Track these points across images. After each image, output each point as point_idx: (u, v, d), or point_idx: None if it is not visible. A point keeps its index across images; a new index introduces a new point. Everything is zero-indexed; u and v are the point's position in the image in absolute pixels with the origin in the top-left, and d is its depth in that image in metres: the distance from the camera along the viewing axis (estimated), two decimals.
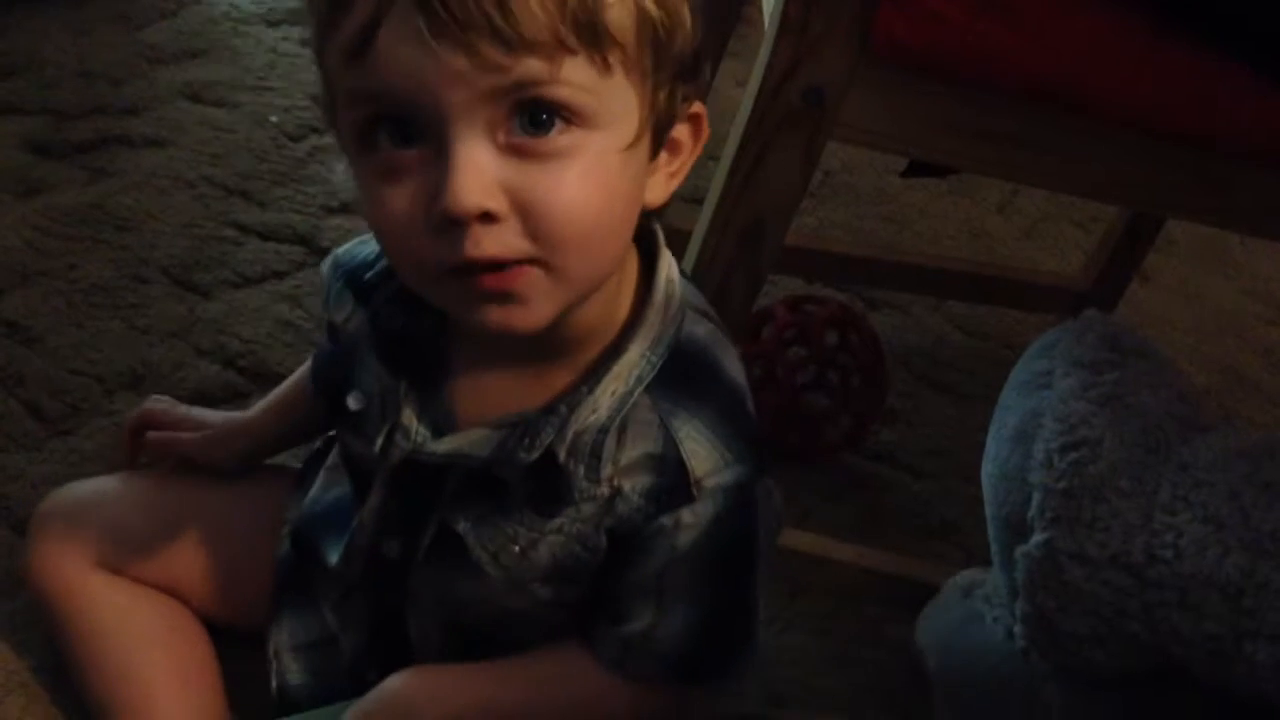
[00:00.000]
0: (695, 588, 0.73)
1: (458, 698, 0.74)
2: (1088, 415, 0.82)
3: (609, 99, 0.61)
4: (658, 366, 0.70)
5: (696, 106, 0.69)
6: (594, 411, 0.69)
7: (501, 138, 0.60)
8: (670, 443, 0.70)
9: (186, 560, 0.86)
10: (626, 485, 0.70)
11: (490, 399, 0.72)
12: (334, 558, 0.81)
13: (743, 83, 0.81)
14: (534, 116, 0.60)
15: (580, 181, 0.61)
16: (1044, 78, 0.77)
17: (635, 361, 0.70)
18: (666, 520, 0.70)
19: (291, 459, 0.97)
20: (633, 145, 0.64)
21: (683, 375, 0.71)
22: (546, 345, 0.69)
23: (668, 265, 0.73)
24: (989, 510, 0.90)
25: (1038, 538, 0.81)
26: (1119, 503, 0.80)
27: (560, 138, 0.60)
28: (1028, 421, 0.86)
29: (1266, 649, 0.74)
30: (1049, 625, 0.83)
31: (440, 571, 0.75)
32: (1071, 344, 0.88)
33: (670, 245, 0.75)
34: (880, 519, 1.23)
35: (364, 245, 0.79)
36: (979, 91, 0.78)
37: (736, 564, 0.74)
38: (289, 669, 0.85)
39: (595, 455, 0.69)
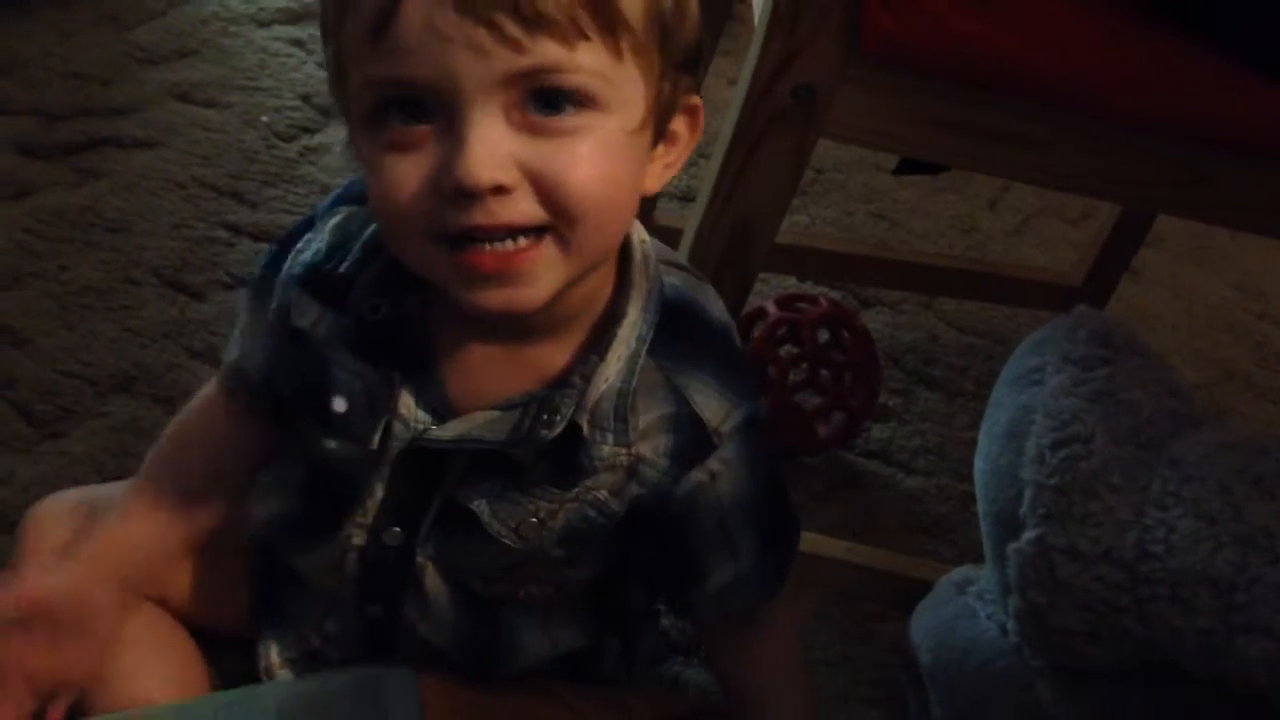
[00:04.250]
0: (755, 521, 0.77)
1: None
2: (1079, 411, 0.83)
3: (620, 84, 0.63)
4: (654, 324, 0.72)
5: (694, 99, 0.70)
6: (607, 379, 0.71)
7: (516, 116, 0.61)
8: (681, 400, 0.72)
9: (174, 569, 0.85)
10: (647, 450, 0.72)
11: (484, 380, 0.72)
12: (303, 565, 0.80)
13: (734, 80, 0.81)
14: (549, 100, 0.61)
15: (593, 157, 0.63)
16: (1035, 74, 0.77)
17: (636, 322, 0.72)
18: (700, 475, 0.73)
19: None
20: (639, 129, 0.65)
21: (675, 329, 0.73)
22: (538, 323, 0.70)
23: (637, 226, 0.74)
24: (981, 507, 0.90)
25: (1030, 534, 0.82)
26: (1111, 498, 0.80)
27: (573, 118, 0.62)
28: (1019, 418, 0.86)
29: (1258, 643, 0.75)
30: (1041, 621, 0.83)
31: (448, 543, 0.76)
32: (1063, 340, 0.88)
33: (662, 243, 0.76)
34: (873, 516, 1.23)
35: (303, 250, 0.76)
36: (970, 88, 0.78)
37: (774, 483, 0.79)
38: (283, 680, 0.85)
39: (621, 419, 0.71)
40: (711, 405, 0.73)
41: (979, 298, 1.49)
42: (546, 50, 0.60)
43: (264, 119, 1.50)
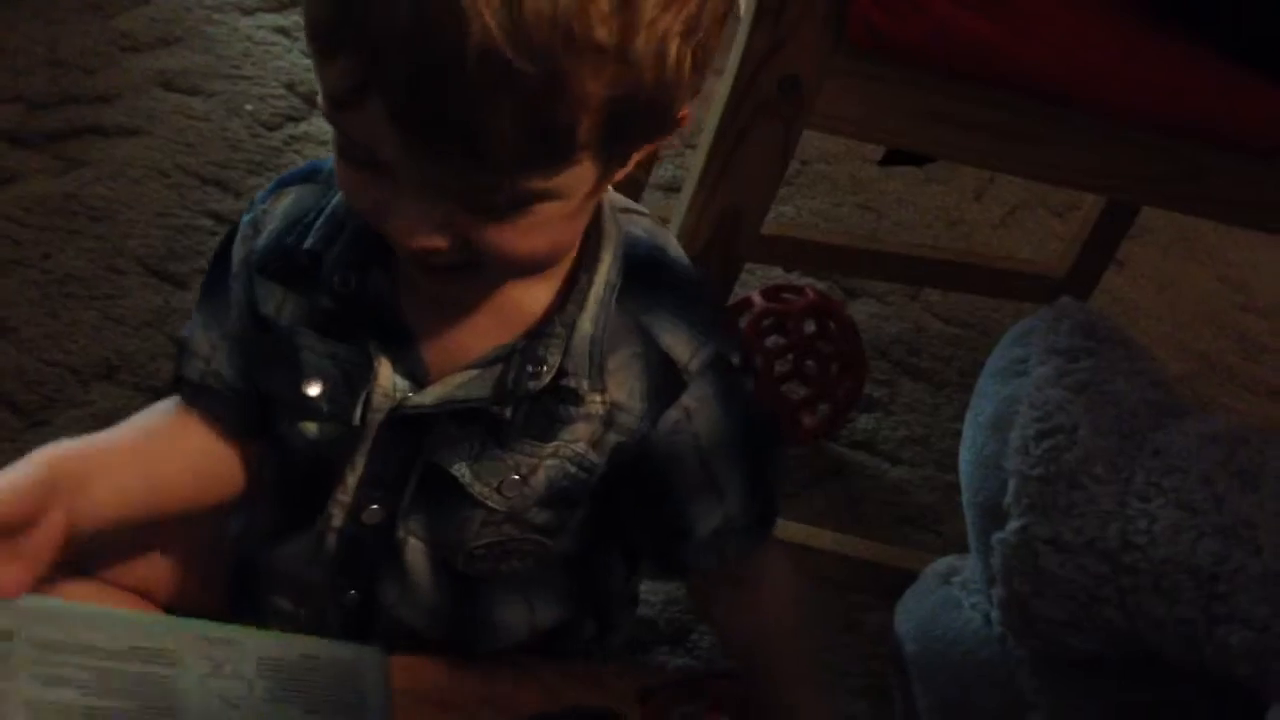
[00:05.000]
0: (738, 459, 0.76)
1: None
2: (1063, 402, 0.83)
3: (564, 180, 0.62)
4: (623, 271, 0.72)
5: (683, 110, 0.68)
6: (586, 326, 0.71)
7: (449, 201, 0.61)
8: (649, 339, 0.72)
9: (155, 560, 0.85)
10: (621, 395, 0.72)
11: (460, 339, 0.73)
12: (281, 558, 0.80)
13: (720, 71, 0.81)
14: (486, 207, 0.61)
15: (528, 237, 0.63)
16: (1022, 67, 0.77)
17: (608, 268, 0.72)
18: (675, 414, 0.73)
19: None
20: (588, 197, 0.65)
21: (641, 274, 0.73)
22: (506, 287, 0.71)
23: None
24: (966, 497, 0.90)
25: (1014, 524, 0.82)
26: (1094, 489, 0.80)
27: (511, 215, 0.62)
28: (1004, 409, 0.86)
29: (1239, 633, 0.75)
30: (1025, 611, 0.83)
31: (431, 514, 0.76)
32: (1047, 331, 0.89)
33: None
34: (858, 506, 1.23)
35: (253, 237, 0.76)
36: (956, 80, 0.78)
37: (753, 421, 0.77)
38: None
39: (597, 365, 0.72)
40: (679, 344, 0.72)
41: (964, 289, 1.49)
42: (491, 176, 0.59)
43: (248, 107, 1.50)
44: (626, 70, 0.57)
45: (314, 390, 0.74)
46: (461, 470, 0.73)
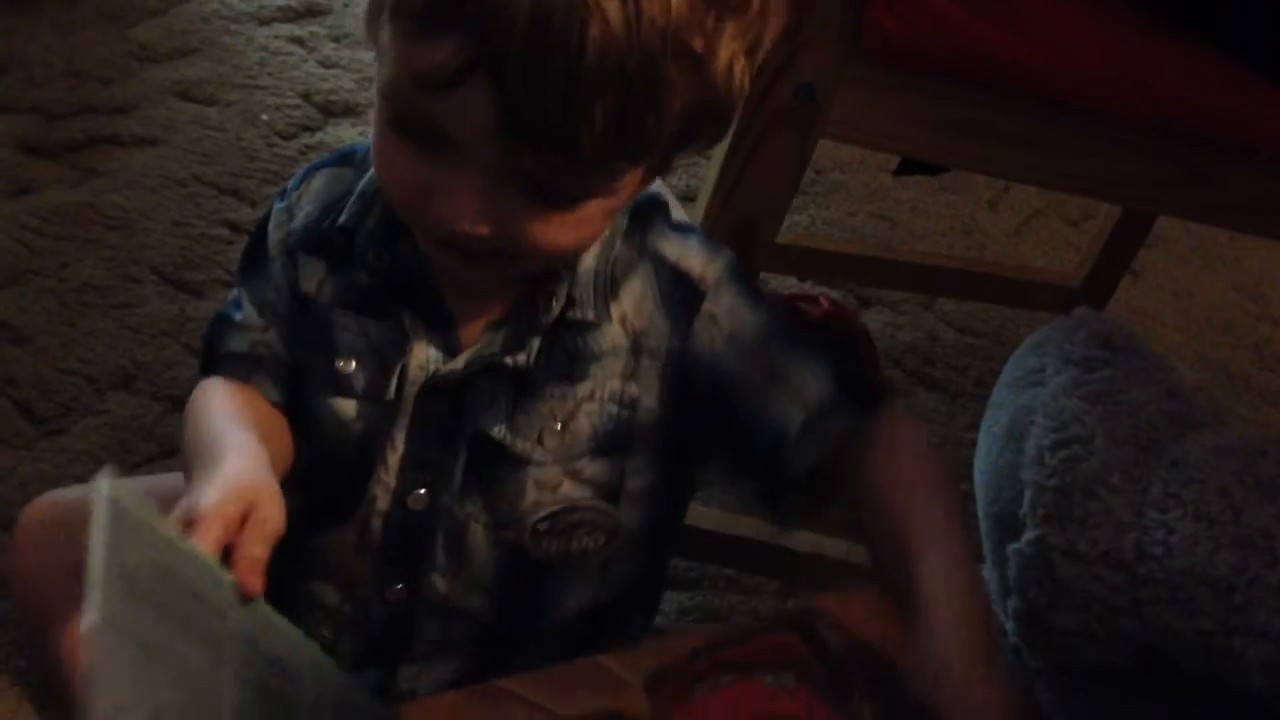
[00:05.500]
0: (789, 344, 0.74)
1: None
2: (1079, 412, 0.83)
3: (624, 179, 0.64)
4: (629, 212, 0.73)
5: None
6: (586, 263, 0.72)
7: (505, 178, 0.62)
8: (659, 259, 0.73)
9: None
10: (641, 322, 0.73)
11: (484, 305, 0.74)
12: (322, 548, 0.79)
13: None
14: (549, 195, 0.63)
15: (567, 230, 0.65)
16: (1037, 75, 0.77)
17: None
18: (701, 324, 0.73)
19: None
20: (630, 197, 0.67)
21: (641, 214, 0.74)
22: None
23: None
24: (981, 507, 0.90)
25: (1029, 535, 0.82)
26: (1110, 499, 0.80)
27: (560, 206, 0.64)
28: (1019, 419, 0.86)
29: (1256, 645, 0.75)
30: (1040, 622, 0.83)
31: (486, 490, 0.75)
32: (1063, 341, 0.88)
33: None
34: None
35: (289, 220, 0.77)
36: (971, 89, 0.78)
37: (786, 313, 0.76)
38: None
39: (603, 295, 0.72)
40: (690, 257, 0.73)
41: (979, 298, 1.49)
42: (572, 168, 0.61)
43: (264, 117, 1.50)
44: (707, 82, 0.61)
45: (350, 368, 0.74)
46: (501, 431, 0.73)
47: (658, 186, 0.77)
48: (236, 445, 0.67)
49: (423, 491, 0.75)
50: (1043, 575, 0.81)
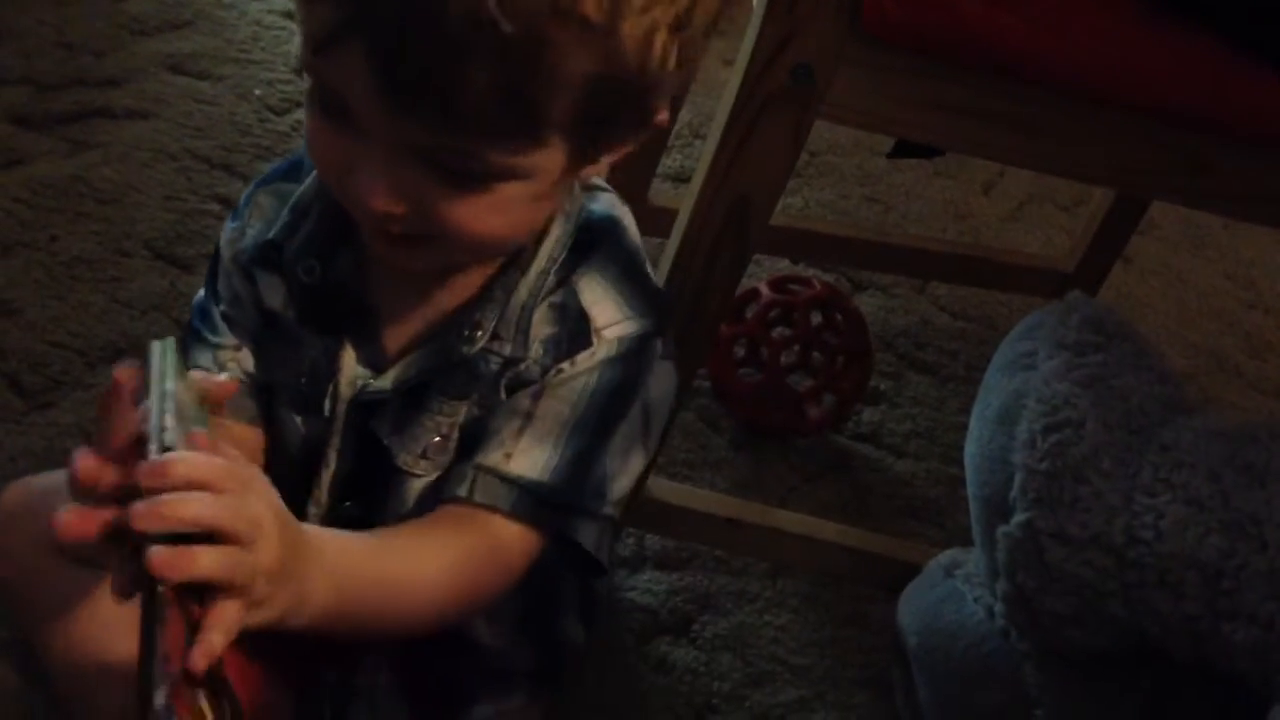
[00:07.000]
0: (560, 429, 0.71)
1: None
2: (1071, 396, 0.83)
3: (533, 160, 0.62)
4: (569, 245, 0.72)
5: (661, 109, 0.67)
6: (520, 295, 0.71)
7: (416, 158, 0.61)
8: (571, 294, 0.72)
9: None
10: (534, 345, 0.72)
11: (416, 320, 0.73)
12: None
13: (730, 60, 0.81)
14: (451, 171, 0.61)
15: (487, 215, 0.63)
16: (1036, 58, 0.77)
17: (558, 239, 0.72)
18: (564, 365, 0.71)
19: None
20: (553, 186, 0.65)
21: (586, 245, 0.73)
22: (462, 262, 0.71)
23: None
24: (971, 490, 0.90)
25: (1019, 518, 0.82)
26: (1100, 483, 0.80)
27: (473, 187, 0.62)
28: (1011, 402, 0.86)
29: (1244, 629, 0.75)
30: (1029, 605, 0.83)
31: (379, 494, 0.75)
32: (1055, 326, 0.88)
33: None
34: (863, 499, 1.23)
35: (238, 240, 0.77)
36: (970, 71, 0.78)
37: (611, 416, 0.73)
38: None
39: (523, 331, 0.71)
40: (602, 307, 0.72)
41: (972, 282, 1.49)
42: (461, 139, 0.59)
43: (257, 92, 1.49)
44: (610, 52, 0.58)
45: (302, 382, 0.74)
46: (392, 441, 0.73)
47: (615, 208, 0.76)
48: None
49: (349, 504, 0.76)
50: (1032, 559, 0.81)
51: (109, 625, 0.80)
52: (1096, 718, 0.86)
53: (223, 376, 0.62)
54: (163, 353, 0.55)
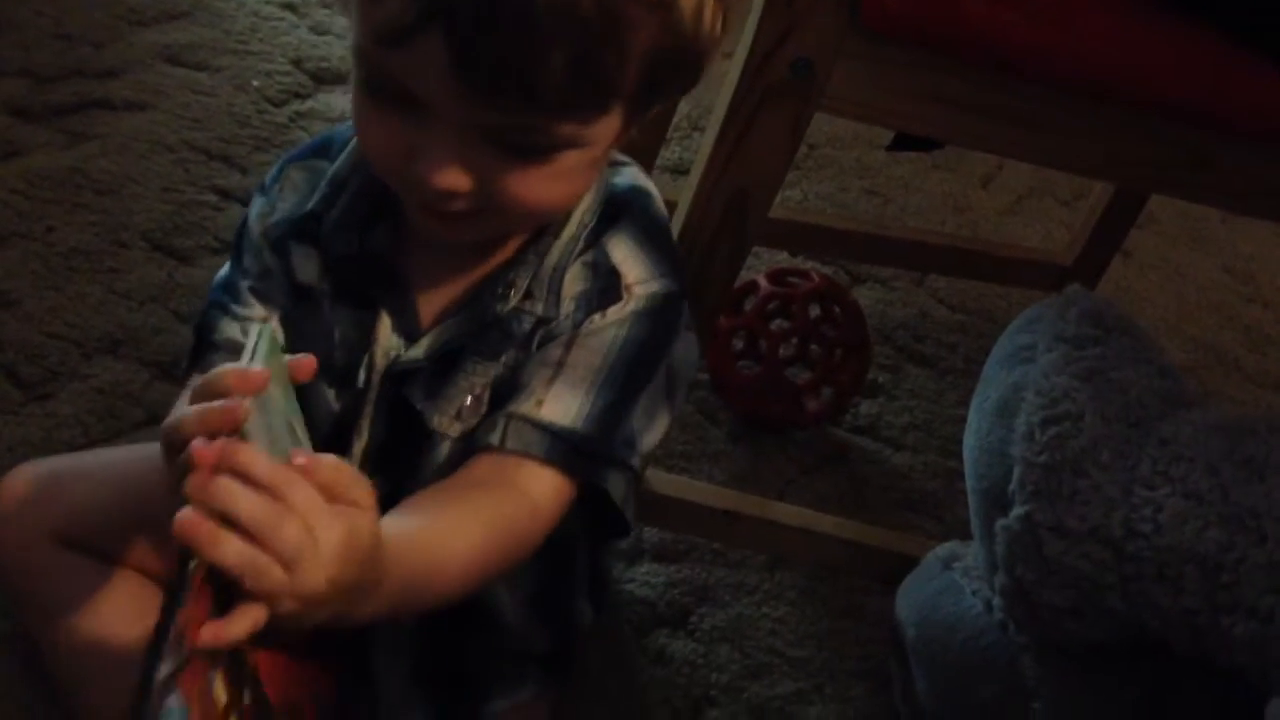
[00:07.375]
0: (593, 377, 0.72)
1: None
2: (1070, 390, 0.83)
3: (595, 129, 0.65)
4: (599, 211, 0.75)
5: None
6: (552, 258, 0.73)
7: (480, 135, 0.63)
8: (602, 253, 0.74)
9: (155, 538, 0.84)
10: (567, 302, 0.74)
11: (450, 289, 0.75)
12: None
13: (729, 54, 0.81)
14: (519, 147, 0.63)
15: (547, 184, 0.66)
16: (1038, 53, 0.77)
17: (588, 207, 0.74)
18: (595, 317, 0.73)
19: None
20: (607, 150, 0.68)
21: (615, 212, 0.75)
22: (508, 232, 0.73)
23: None
24: (969, 483, 0.90)
25: (1018, 511, 0.82)
26: (1099, 477, 0.80)
27: (538, 157, 0.64)
28: (1010, 395, 0.86)
29: (1243, 623, 0.75)
30: (1027, 598, 0.83)
31: (406, 461, 0.75)
32: (1054, 319, 0.88)
33: None
34: (861, 491, 1.23)
35: (269, 214, 0.77)
36: (970, 65, 0.78)
37: (640, 370, 0.74)
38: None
39: (555, 291, 0.73)
40: (630, 263, 0.74)
41: (970, 275, 1.49)
42: (533, 117, 0.62)
43: (255, 83, 1.49)
44: (671, 23, 0.62)
45: (335, 354, 0.75)
46: (425, 406, 0.73)
47: (641, 179, 0.78)
48: None
49: (380, 478, 0.75)
50: (1031, 552, 0.81)
51: (110, 618, 0.81)
52: (1095, 710, 0.86)
53: (300, 356, 0.61)
54: (259, 337, 0.57)
